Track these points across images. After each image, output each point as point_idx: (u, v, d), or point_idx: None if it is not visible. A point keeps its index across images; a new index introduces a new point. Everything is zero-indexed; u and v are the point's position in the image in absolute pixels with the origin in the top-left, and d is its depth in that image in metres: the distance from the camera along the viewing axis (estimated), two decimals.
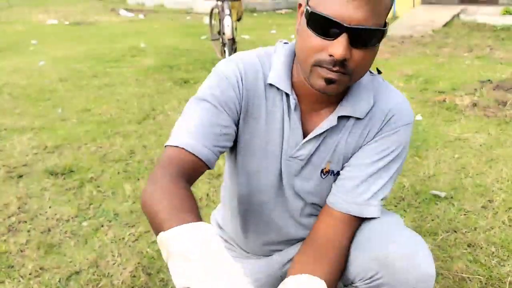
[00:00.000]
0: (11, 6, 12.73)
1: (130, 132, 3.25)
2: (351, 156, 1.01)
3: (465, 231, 1.93)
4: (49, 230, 1.95)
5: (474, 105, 3.90)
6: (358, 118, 0.98)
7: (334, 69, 0.83)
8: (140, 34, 7.83)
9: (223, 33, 4.97)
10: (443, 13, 8.34)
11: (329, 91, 0.88)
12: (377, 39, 0.83)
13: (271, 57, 1.00)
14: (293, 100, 0.96)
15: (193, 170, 0.91)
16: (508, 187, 2.35)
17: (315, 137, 0.99)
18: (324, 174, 1.03)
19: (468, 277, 1.62)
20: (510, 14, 7.85)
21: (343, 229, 0.97)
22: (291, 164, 1.03)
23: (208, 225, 0.72)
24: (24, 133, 3.22)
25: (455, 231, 1.94)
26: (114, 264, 1.70)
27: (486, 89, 4.31)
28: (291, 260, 1.15)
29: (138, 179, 2.47)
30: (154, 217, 0.75)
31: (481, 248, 1.81)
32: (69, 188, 2.35)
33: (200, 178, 0.95)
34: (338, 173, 1.03)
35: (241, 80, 0.97)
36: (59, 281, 1.60)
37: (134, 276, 1.63)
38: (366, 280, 0.92)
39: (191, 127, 0.92)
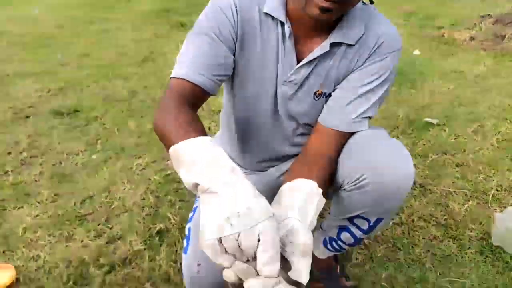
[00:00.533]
0: None
1: (131, 74, 3.30)
2: (342, 79, 1.09)
3: (455, 153, 2.03)
4: (60, 163, 2.05)
5: (472, 39, 3.91)
6: (349, 45, 1.05)
7: None
8: None
9: None
10: None
11: (324, 19, 0.94)
12: None
13: None
14: (287, 28, 1.02)
15: (195, 97, 1.00)
16: (500, 114, 2.43)
17: (308, 62, 1.05)
18: (317, 97, 1.11)
19: (455, 191, 1.74)
20: None
21: (333, 143, 1.06)
22: (286, 88, 1.10)
23: (211, 139, 0.82)
24: (27, 77, 3.27)
25: (445, 154, 2.04)
26: (124, 189, 1.81)
27: (485, 23, 4.29)
28: (285, 172, 1.25)
29: (142, 117, 2.55)
30: (167, 138, 0.86)
31: (469, 167, 1.92)
32: (76, 126, 2.44)
33: (201, 114, 1.04)
34: (329, 95, 1.11)
35: (236, 10, 1.02)
36: (74, 204, 1.72)
37: (144, 199, 1.75)
38: (353, 182, 1.01)
39: (190, 60, 0.99)
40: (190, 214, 1.22)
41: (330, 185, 1.09)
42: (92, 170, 1.98)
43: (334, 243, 1.21)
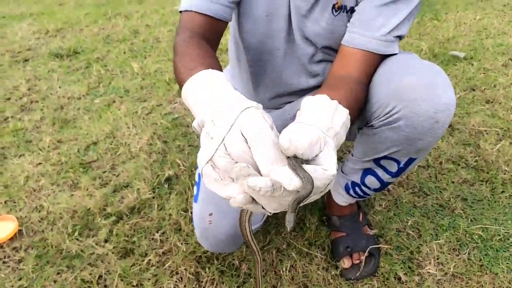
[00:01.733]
0: None
1: (132, 12, 3.10)
2: None
3: (484, 89, 1.87)
4: (62, 107, 1.94)
5: None
6: None
7: None
8: None
9: None
10: None
11: None
12: None
13: None
14: None
15: (209, 29, 0.88)
16: None
17: None
18: (336, 11, 0.95)
19: (485, 130, 1.60)
20: None
21: (362, 65, 0.89)
22: (300, 3, 0.94)
23: (210, 71, 0.70)
24: (24, 19, 3.10)
25: (474, 90, 1.88)
26: (130, 134, 1.71)
27: None
28: None
29: (145, 57, 2.40)
30: (178, 82, 0.76)
31: (500, 103, 1.77)
32: (76, 69, 2.30)
33: None
34: (351, 10, 0.94)
35: None
36: (77, 151, 1.62)
37: (151, 144, 1.64)
38: (382, 117, 0.86)
39: None
40: None
41: (359, 116, 0.94)
42: (95, 115, 1.87)
43: (357, 189, 1.10)
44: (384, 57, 0.91)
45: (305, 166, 0.55)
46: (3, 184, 1.46)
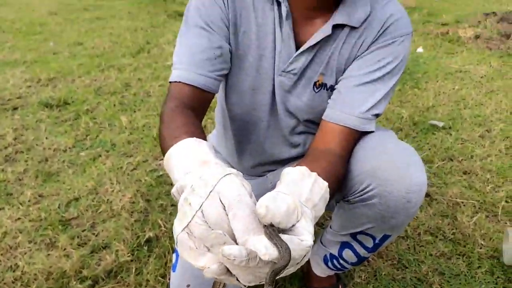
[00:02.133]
0: None
1: (125, 65, 3.18)
2: (345, 68, 0.97)
3: (461, 159, 1.94)
4: (47, 159, 1.94)
5: (477, 37, 3.81)
6: (353, 27, 0.93)
7: None
8: None
9: None
10: None
11: None
12: None
13: None
14: (284, 7, 0.91)
15: (196, 100, 0.91)
16: (507, 118, 2.34)
17: (308, 48, 0.94)
18: (317, 88, 1.00)
19: (462, 202, 1.64)
20: None
21: (342, 141, 0.93)
22: (284, 79, 0.99)
23: (193, 139, 0.71)
24: (16, 66, 3.15)
25: (451, 159, 1.95)
26: (113, 191, 1.71)
27: (490, 21, 4.19)
28: None
29: (135, 111, 2.44)
30: (162, 150, 0.77)
31: (477, 175, 1.82)
32: (65, 120, 2.33)
33: None
34: (331, 88, 1.00)
35: None
36: (58, 207, 1.61)
37: (133, 202, 1.64)
38: (358, 193, 0.90)
39: (185, 59, 0.91)
40: None
41: (339, 191, 0.97)
42: (79, 169, 1.87)
43: (335, 261, 1.12)
44: (362, 133, 0.96)
45: (282, 236, 0.55)
46: None
